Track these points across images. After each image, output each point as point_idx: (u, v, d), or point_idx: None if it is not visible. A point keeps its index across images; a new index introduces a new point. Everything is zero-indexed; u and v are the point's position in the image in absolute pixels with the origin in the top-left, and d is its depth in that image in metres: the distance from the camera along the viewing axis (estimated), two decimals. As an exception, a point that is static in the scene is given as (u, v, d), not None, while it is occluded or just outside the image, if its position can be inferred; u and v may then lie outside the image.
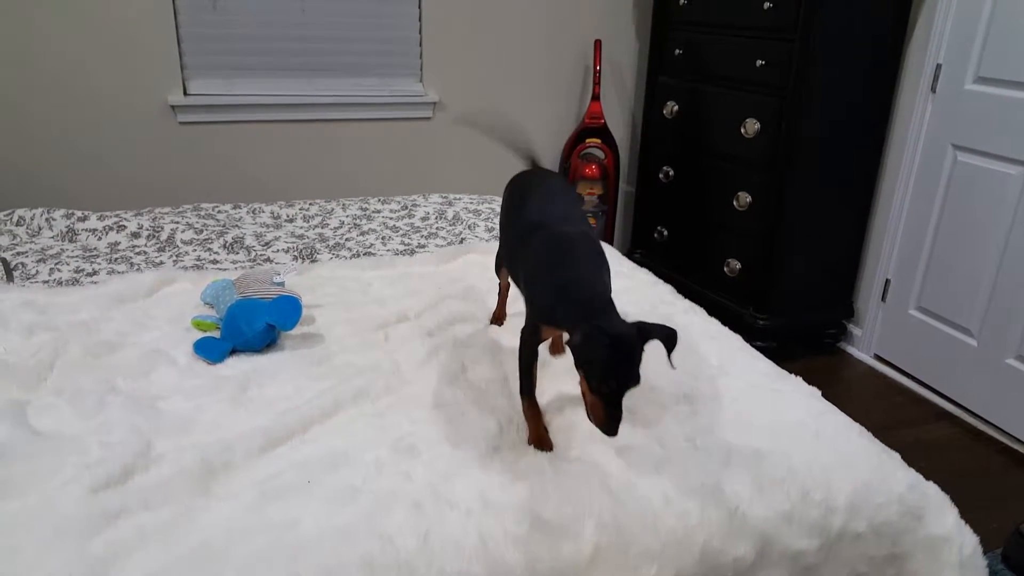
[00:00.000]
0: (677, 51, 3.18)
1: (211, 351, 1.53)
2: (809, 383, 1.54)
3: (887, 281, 2.90)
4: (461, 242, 2.28)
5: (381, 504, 1.11)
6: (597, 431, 1.31)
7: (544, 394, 1.39)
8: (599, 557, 1.08)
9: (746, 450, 1.26)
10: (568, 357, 1.52)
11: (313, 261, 2.10)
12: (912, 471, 1.30)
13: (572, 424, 1.32)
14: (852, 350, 3.06)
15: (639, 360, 1.08)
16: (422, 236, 2.34)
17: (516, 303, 1.68)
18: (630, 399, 1.42)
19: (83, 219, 2.29)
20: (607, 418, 1.08)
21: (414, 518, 1.08)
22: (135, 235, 2.23)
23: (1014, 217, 2.39)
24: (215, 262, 2.09)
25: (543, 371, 1.47)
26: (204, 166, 3.11)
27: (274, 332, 1.59)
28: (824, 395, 1.50)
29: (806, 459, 1.25)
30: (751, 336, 2.04)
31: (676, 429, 1.33)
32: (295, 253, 2.16)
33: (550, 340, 1.61)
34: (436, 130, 3.39)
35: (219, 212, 2.49)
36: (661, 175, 3.35)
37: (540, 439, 1.27)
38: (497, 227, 2.43)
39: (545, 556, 1.06)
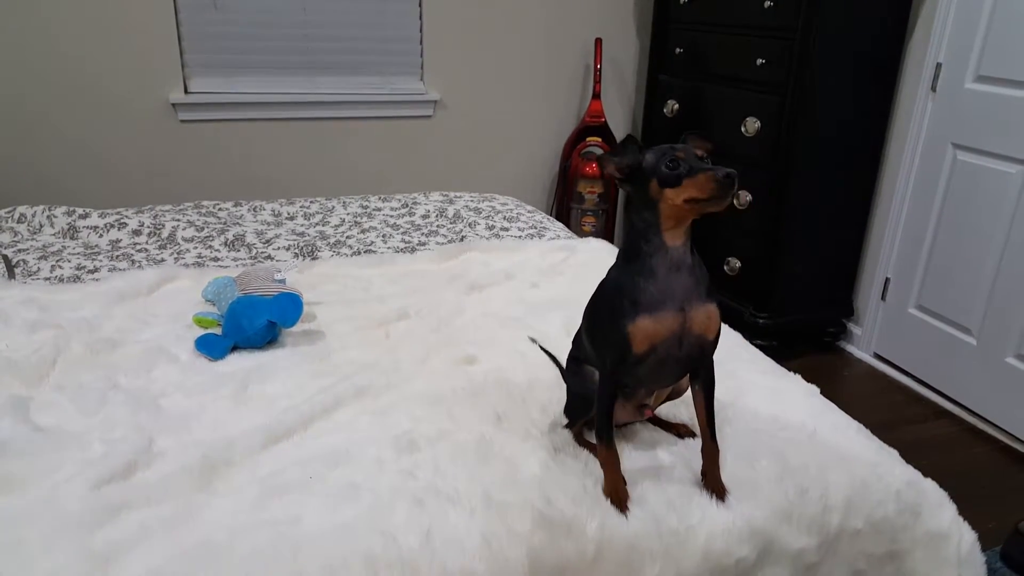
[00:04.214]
0: (678, 50, 3.19)
1: (212, 348, 1.53)
2: (809, 381, 1.54)
3: (887, 280, 2.90)
4: (462, 240, 2.28)
5: (383, 501, 1.11)
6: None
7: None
8: (602, 557, 1.08)
9: (744, 448, 1.27)
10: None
11: (314, 259, 2.11)
12: (910, 468, 1.30)
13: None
14: (852, 349, 3.06)
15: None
16: (423, 234, 2.34)
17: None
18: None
19: (84, 216, 2.29)
20: (718, 174, 1.00)
21: (416, 515, 1.08)
22: (136, 232, 2.24)
23: (1014, 216, 2.39)
24: (216, 259, 2.09)
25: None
26: (205, 164, 3.11)
27: (275, 329, 1.59)
28: (824, 393, 1.51)
29: (804, 457, 1.25)
30: (751, 334, 2.05)
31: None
32: (296, 251, 2.16)
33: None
34: (437, 128, 3.40)
35: (220, 210, 2.49)
36: (661, 173, 3.35)
37: (617, 491, 1.14)
38: (497, 225, 2.42)
39: (548, 555, 1.06)
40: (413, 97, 3.29)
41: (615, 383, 1.14)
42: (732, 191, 1.00)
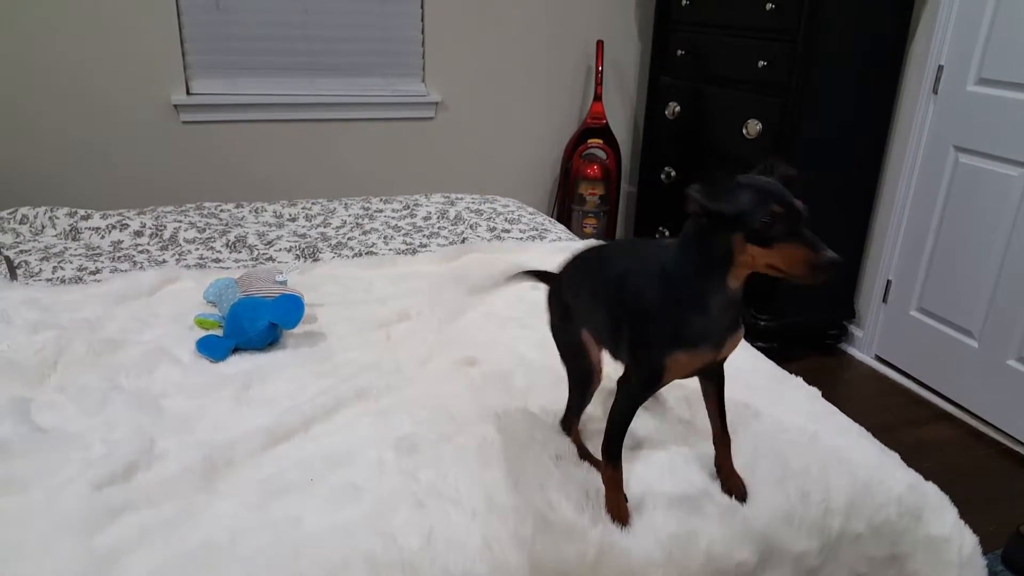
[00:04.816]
0: (679, 52, 3.19)
1: (214, 349, 1.53)
2: (810, 384, 1.54)
3: (888, 282, 2.90)
4: (463, 241, 2.28)
5: (384, 503, 1.11)
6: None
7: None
8: (603, 560, 1.08)
9: (746, 451, 1.26)
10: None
11: (315, 260, 2.11)
12: (911, 471, 1.30)
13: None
14: (853, 351, 3.06)
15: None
16: (424, 236, 2.34)
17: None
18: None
19: (86, 218, 2.30)
20: (820, 250, 0.90)
21: (417, 517, 1.08)
22: (138, 234, 2.24)
23: (1015, 219, 2.39)
24: (218, 261, 2.09)
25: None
26: (207, 165, 3.11)
27: (276, 331, 1.59)
28: (825, 396, 1.51)
29: (805, 460, 1.25)
30: (752, 337, 2.05)
31: (676, 431, 1.33)
32: (297, 252, 2.16)
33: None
34: (438, 130, 3.40)
35: (222, 211, 2.49)
36: (663, 175, 3.36)
37: (620, 509, 1.12)
38: (498, 227, 2.42)
39: (549, 558, 1.06)
40: (414, 99, 3.29)
41: (641, 400, 1.10)
42: (826, 278, 0.90)
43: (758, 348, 1.71)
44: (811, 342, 3.07)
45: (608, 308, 1.11)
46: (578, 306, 1.20)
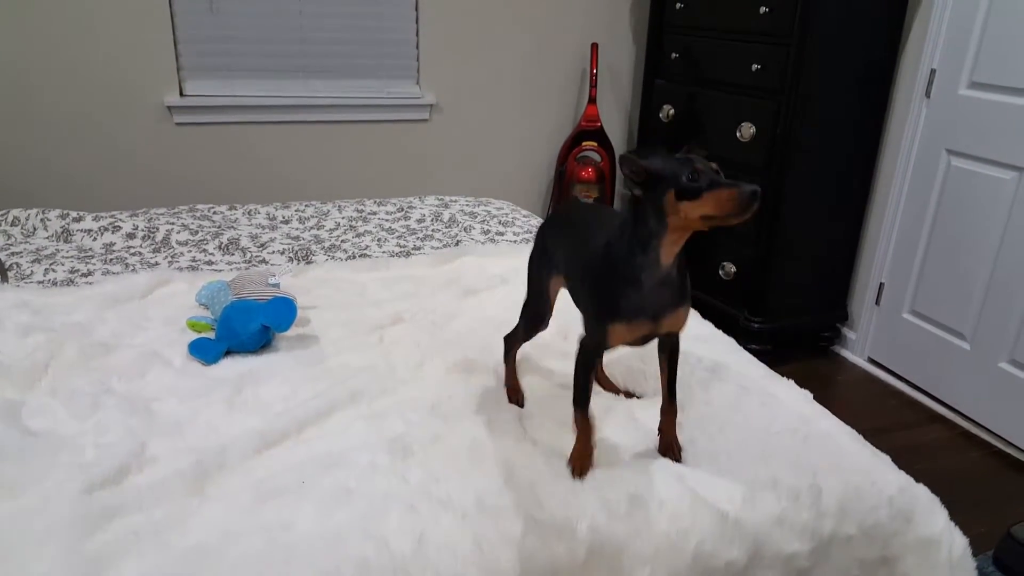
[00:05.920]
0: (673, 55, 3.19)
1: (206, 352, 1.53)
2: (803, 386, 1.55)
3: (881, 285, 2.91)
4: (457, 244, 2.28)
5: (375, 506, 1.11)
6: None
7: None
8: (592, 560, 1.08)
9: (737, 453, 1.27)
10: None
11: (308, 263, 2.11)
12: (902, 473, 1.31)
13: (564, 427, 1.33)
14: (846, 353, 3.07)
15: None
16: (418, 238, 2.34)
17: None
18: (622, 404, 1.43)
19: (78, 220, 2.29)
20: (742, 186, 0.97)
21: (409, 520, 1.08)
22: (130, 236, 2.23)
23: (1007, 221, 2.40)
24: (210, 263, 2.09)
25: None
26: (200, 167, 3.11)
27: (269, 333, 1.59)
28: (818, 398, 1.51)
29: (796, 462, 1.25)
30: (745, 339, 2.05)
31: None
32: (291, 254, 2.16)
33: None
34: (433, 132, 3.40)
35: (215, 213, 2.49)
36: (657, 178, 3.36)
37: (583, 456, 1.19)
38: (492, 229, 2.42)
39: (539, 559, 1.07)
40: (409, 101, 3.29)
41: (594, 357, 1.19)
42: (753, 208, 0.97)
43: (751, 351, 1.72)
44: (804, 345, 3.08)
45: (581, 270, 1.20)
46: (556, 253, 1.29)
